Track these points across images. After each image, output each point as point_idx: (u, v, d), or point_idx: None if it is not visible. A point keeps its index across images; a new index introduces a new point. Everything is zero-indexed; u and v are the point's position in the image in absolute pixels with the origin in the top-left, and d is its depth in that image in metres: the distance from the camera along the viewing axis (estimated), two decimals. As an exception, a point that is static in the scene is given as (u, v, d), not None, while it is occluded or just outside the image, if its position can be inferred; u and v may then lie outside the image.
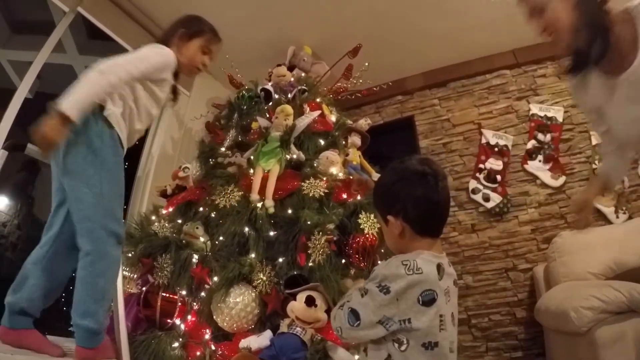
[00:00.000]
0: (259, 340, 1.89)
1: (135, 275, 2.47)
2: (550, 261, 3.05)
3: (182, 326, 2.21)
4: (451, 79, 4.00)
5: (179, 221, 2.54)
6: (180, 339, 2.12)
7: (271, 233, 2.19)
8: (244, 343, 1.91)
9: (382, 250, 2.31)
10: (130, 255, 2.42)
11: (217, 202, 2.29)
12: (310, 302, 1.86)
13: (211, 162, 2.80)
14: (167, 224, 2.54)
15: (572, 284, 2.78)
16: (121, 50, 3.37)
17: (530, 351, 3.27)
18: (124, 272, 2.45)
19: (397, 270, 1.16)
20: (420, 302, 1.14)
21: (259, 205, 2.24)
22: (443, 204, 1.30)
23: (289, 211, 2.25)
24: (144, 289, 2.31)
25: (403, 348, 1.16)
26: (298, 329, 1.86)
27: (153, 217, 2.67)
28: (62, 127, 1.47)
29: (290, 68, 3.28)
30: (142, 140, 3.65)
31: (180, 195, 2.69)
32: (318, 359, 1.77)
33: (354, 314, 1.19)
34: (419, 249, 1.24)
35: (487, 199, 3.59)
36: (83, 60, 3.94)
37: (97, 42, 3.84)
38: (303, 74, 3.27)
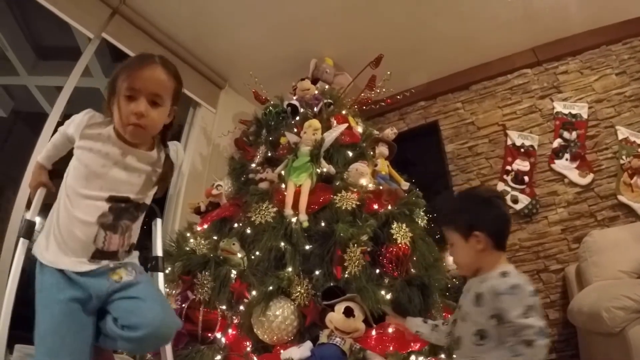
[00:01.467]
0: (300, 351, 1.96)
1: (174, 292, 2.57)
2: (581, 261, 3.03)
3: (223, 340, 2.29)
4: (473, 81, 4.03)
5: (215, 238, 2.62)
6: (222, 352, 2.20)
7: (307, 247, 2.27)
8: (285, 354, 1.98)
9: (415, 259, 2.37)
10: (167, 271, 2.50)
11: (252, 219, 2.37)
12: (348, 312, 1.94)
13: (243, 179, 2.89)
14: (203, 241, 2.62)
15: (604, 284, 2.77)
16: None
17: (564, 353, 3.25)
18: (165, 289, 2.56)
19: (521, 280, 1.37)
20: None
21: (294, 220, 2.32)
22: (510, 219, 1.55)
23: (323, 224, 2.31)
24: (184, 305, 2.40)
25: None
26: (337, 339, 1.93)
27: (188, 234, 2.75)
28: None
29: (314, 81, 3.36)
30: (172, 159, 3.74)
31: (214, 212, 2.78)
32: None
33: (544, 331, 1.29)
34: (501, 262, 1.46)
35: (515, 200, 3.59)
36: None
37: (123, 66, 3.96)
38: (327, 86, 3.34)
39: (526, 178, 3.59)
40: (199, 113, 3.83)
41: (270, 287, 2.13)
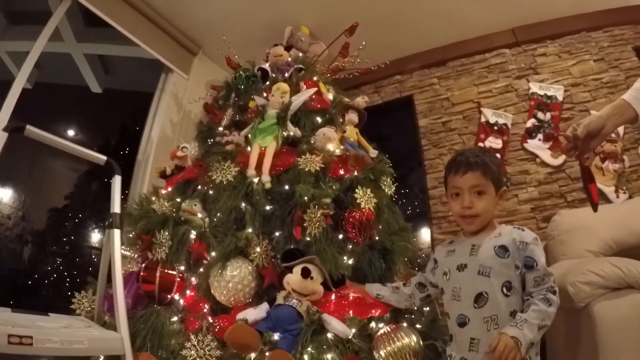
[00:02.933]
0: (256, 313, 1.89)
1: (135, 255, 2.48)
2: (549, 239, 3.01)
3: (182, 301, 2.22)
4: (450, 57, 3.96)
5: (178, 200, 2.54)
6: (180, 314, 2.13)
7: (267, 208, 2.19)
8: (240, 315, 1.90)
9: (380, 227, 2.31)
10: (130, 235, 2.43)
11: (213, 178, 2.28)
12: (306, 273, 1.87)
13: (210, 142, 2.80)
14: (166, 203, 2.54)
15: (571, 262, 2.73)
16: (119, 36, 3.38)
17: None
18: (125, 252, 2.47)
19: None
20: None
21: (255, 180, 2.24)
22: None
23: (286, 187, 2.24)
24: (143, 265, 2.32)
25: None
26: (294, 300, 1.87)
27: (153, 198, 2.67)
28: None
29: (288, 48, 3.27)
30: (141, 125, 3.66)
31: (179, 174, 2.69)
32: (313, 330, 1.77)
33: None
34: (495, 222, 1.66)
35: (486, 177, 3.54)
36: (81, 47, 3.95)
37: (95, 30, 3.83)
38: (300, 54, 3.26)
39: (498, 155, 3.54)
40: (170, 79, 3.72)
41: (228, 247, 2.05)
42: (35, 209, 3.97)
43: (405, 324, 1.91)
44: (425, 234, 3.85)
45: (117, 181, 2.05)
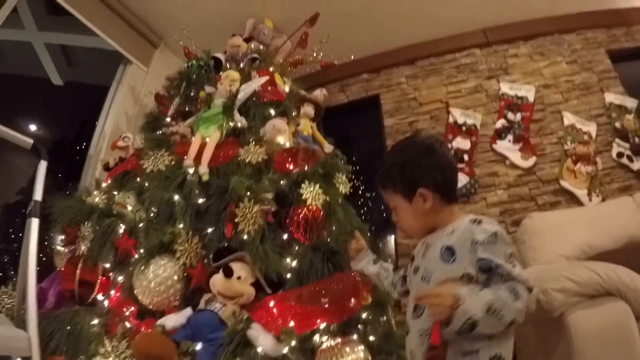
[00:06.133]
0: (175, 319, 1.61)
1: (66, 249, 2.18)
2: (519, 244, 2.78)
3: (107, 302, 1.93)
4: (419, 56, 3.69)
5: (115, 192, 2.24)
6: (102, 316, 1.83)
7: (200, 201, 1.89)
8: (160, 322, 1.62)
9: (333, 228, 2.01)
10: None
11: (144, 167, 1.99)
12: (228, 272, 1.57)
13: (158, 133, 2.51)
14: (102, 196, 2.25)
15: (543, 267, 2.50)
16: (82, 26, 3.09)
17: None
18: (58, 247, 2.17)
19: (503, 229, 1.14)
20: None
21: (191, 171, 1.95)
22: (456, 167, 1.33)
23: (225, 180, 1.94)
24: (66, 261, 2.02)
25: None
26: (217, 305, 1.58)
27: (96, 192, 2.37)
28: None
29: (248, 40, 2.99)
30: (94, 118, 3.36)
31: (119, 166, 2.41)
32: (237, 343, 1.47)
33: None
34: (458, 215, 1.23)
35: (453, 179, 3.29)
36: (43, 36, 3.67)
37: (56, 18, 3.55)
38: (262, 47, 2.98)
39: (466, 157, 3.30)
40: (129, 71, 3.41)
41: (151, 243, 1.76)
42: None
43: (355, 337, 1.64)
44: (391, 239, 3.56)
45: (42, 167, 1.85)
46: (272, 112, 2.35)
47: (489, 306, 1.02)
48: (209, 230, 1.85)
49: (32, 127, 4.05)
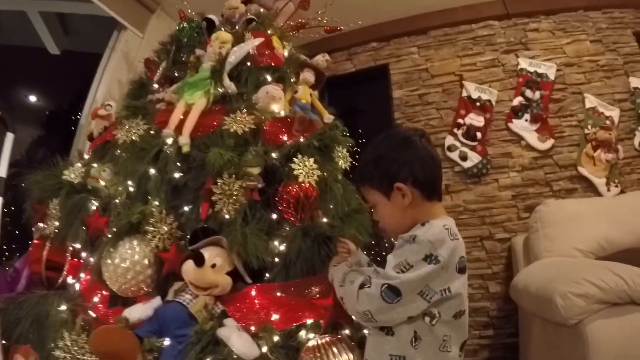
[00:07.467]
0: (141, 310, 1.38)
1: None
2: (531, 232, 2.54)
3: (77, 286, 1.70)
4: (433, 26, 3.36)
5: (95, 165, 1.99)
6: (71, 302, 1.60)
7: (176, 175, 1.63)
8: (124, 313, 1.39)
9: (331, 206, 1.75)
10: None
11: (117, 137, 1.74)
12: (199, 261, 1.32)
13: (141, 101, 2.24)
14: (82, 169, 2.00)
15: (558, 261, 2.27)
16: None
17: (503, 330, 2.78)
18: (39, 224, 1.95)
19: (442, 235, 1.02)
20: (457, 270, 1.03)
21: (169, 142, 1.68)
22: (440, 162, 1.20)
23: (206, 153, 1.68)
24: (35, 241, 1.80)
25: (434, 322, 1.02)
26: (186, 296, 1.34)
27: (79, 165, 2.12)
28: None
29: (247, 2, 2.68)
30: (86, 86, 3.11)
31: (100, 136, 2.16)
32: (206, 342, 1.23)
33: (392, 290, 0.99)
34: (437, 214, 1.12)
35: (464, 157, 3.02)
36: (36, 4, 3.42)
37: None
38: (262, 10, 2.67)
39: (479, 134, 3.01)
40: (123, 37, 3.13)
41: (120, 223, 1.52)
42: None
43: (347, 332, 1.40)
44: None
45: (8, 139, 1.70)
46: (269, 78, 2.07)
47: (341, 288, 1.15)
48: (186, 208, 1.60)
49: (32, 98, 3.89)
